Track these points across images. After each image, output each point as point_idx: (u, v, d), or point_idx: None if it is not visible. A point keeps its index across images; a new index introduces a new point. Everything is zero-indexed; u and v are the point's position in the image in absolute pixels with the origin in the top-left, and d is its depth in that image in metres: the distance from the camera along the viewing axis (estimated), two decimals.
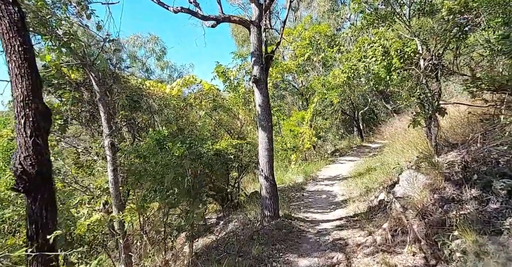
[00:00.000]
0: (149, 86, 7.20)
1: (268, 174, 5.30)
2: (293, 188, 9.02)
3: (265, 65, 5.66)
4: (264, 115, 5.42)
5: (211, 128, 7.85)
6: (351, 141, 18.27)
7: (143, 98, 6.83)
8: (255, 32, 5.50)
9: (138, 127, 6.99)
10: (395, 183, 5.68)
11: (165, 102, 7.29)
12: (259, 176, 5.39)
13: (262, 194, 5.31)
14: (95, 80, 5.31)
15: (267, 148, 5.37)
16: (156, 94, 7.10)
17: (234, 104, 8.88)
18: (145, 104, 6.93)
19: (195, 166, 4.60)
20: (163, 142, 4.41)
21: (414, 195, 3.93)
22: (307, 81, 14.00)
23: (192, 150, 4.31)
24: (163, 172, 3.90)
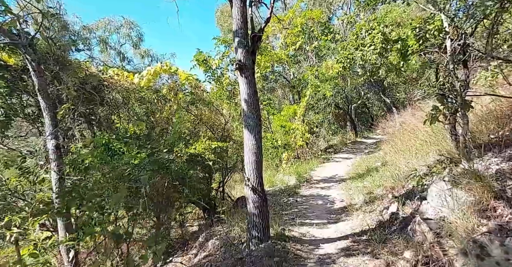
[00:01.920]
0: (113, 75, 5.96)
1: (257, 184, 4.20)
2: (285, 192, 7.98)
3: (251, 47, 4.51)
4: (251, 112, 4.30)
5: (189, 125, 6.69)
6: (344, 136, 17.37)
7: (104, 89, 5.61)
8: (238, 5, 4.35)
9: (99, 125, 5.78)
10: (410, 192, 4.69)
11: (134, 95, 6.08)
12: (245, 187, 4.29)
13: (249, 209, 4.23)
14: (32, 66, 4.10)
15: (255, 151, 4.27)
16: (121, 85, 5.87)
17: (217, 97, 7.74)
18: (108, 97, 5.71)
19: (161, 178, 3.47)
20: (116, 147, 3.28)
21: (452, 218, 2.91)
22: (299, 73, 12.91)
23: (155, 157, 3.20)
24: (109, 190, 2.79)
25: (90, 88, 4.86)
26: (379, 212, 5.03)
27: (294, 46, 11.51)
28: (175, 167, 3.66)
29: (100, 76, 5.74)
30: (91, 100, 5.31)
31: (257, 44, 4.61)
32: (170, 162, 3.47)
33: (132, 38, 13.97)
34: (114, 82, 5.87)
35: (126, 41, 13.77)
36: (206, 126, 6.96)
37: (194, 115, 6.67)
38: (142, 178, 2.81)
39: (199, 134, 6.92)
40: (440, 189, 3.20)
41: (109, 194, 2.80)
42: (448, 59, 4.02)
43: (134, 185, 2.83)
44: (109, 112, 5.80)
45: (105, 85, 5.70)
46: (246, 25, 4.44)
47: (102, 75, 5.74)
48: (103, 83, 5.72)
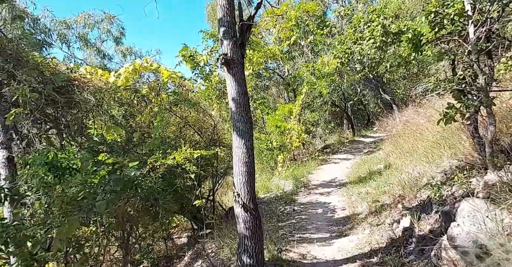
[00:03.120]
0: (85, 73, 5.27)
1: (248, 200, 3.56)
2: (281, 199, 7.35)
3: (240, 38, 3.85)
4: (241, 114, 3.65)
5: (175, 129, 6.01)
6: (342, 135, 16.80)
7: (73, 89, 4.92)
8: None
9: (69, 130, 5.09)
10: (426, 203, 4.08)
11: (110, 96, 5.39)
12: (234, 203, 3.64)
13: (239, 230, 3.58)
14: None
15: (245, 161, 3.62)
16: (94, 85, 5.17)
17: (206, 97, 7.07)
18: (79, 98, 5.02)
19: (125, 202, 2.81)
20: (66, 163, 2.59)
21: (494, 246, 2.29)
22: (294, 70, 12.27)
23: (118, 175, 2.53)
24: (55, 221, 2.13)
25: (52, 89, 4.14)
26: (388, 226, 4.42)
27: (288, 41, 10.86)
28: (147, 185, 2.99)
29: (69, 74, 5.02)
30: (57, 102, 4.59)
31: (246, 34, 3.95)
32: (140, 178, 2.81)
33: (112, 34, 13.09)
34: (86, 82, 5.15)
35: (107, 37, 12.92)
36: (193, 129, 6.29)
37: (179, 117, 5.99)
38: (98, 205, 2.15)
39: (186, 138, 6.25)
40: (473, 208, 2.59)
41: (56, 225, 2.14)
42: (471, 48, 3.40)
43: (86, 215, 2.17)
44: (80, 116, 5.08)
45: (75, 85, 4.97)
46: (233, 12, 3.78)
47: (72, 73, 5.01)
48: (73, 82, 5.00)
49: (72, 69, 5.08)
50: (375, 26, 9.12)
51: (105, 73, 5.62)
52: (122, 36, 13.27)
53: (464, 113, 3.81)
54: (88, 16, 11.97)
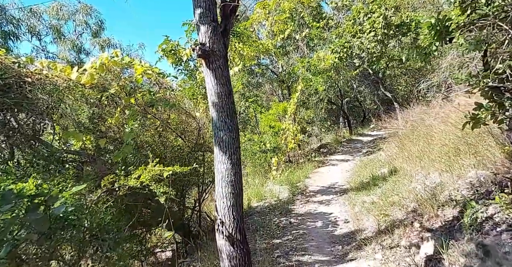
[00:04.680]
0: (41, 68, 4.43)
1: (234, 229, 2.79)
2: (276, 209, 6.60)
3: (222, 24, 3.07)
4: (224, 120, 2.88)
5: (153, 133, 5.21)
6: (338, 133, 16.12)
7: (25, 87, 4.10)
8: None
9: (22, 136, 4.26)
10: (453, 225, 3.37)
11: (72, 95, 4.56)
12: (217, 233, 2.87)
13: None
14: None
15: (231, 179, 2.85)
16: (52, 82, 4.33)
17: (190, 96, 6.27)
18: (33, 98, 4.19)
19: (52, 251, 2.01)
20: None
21: None
22: (288, 66, 11.48)
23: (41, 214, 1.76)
24: None
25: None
26: (405, 250, 3.70)
27: (282, 35, 10.07)
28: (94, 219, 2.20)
29: (19, 70, 4.17)
30: (3, 103, 3.77)
31: (230, 19, 3.15)
32: (80, 213, 2.01)
33: (90, 27, 12.02)
34: (40, 79, 4.30)
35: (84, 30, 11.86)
36: (176, 133, 5.49)
37: (158, 120, 5.18)
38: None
39: (167, 143, 5.45)
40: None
41: None
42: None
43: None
44: (33, 119, 4.26)
45: (27, 83, 4.13)
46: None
47: (22, 68, 4.16)
48: (24, 79, 4.15)
49: (20, 64, 4.21)
50: (376, 17, 8.38)
51: (67, 68, 4.76)
52: (101, 30, 12.23)
53: (497, 115, 3.09)
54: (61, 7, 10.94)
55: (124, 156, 4.04)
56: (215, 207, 2.88)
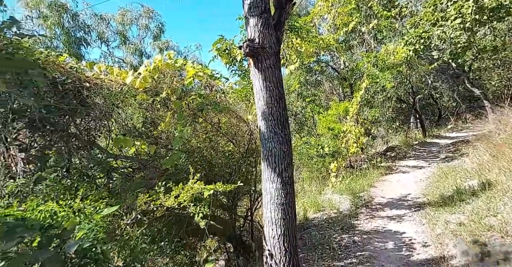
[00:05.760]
0: (99, 73, 4.49)
1: (286, 265, 2.28)
2: (336, 224, 5.89)
3: (275, 16, 2.57)
4: (274, 130, 2.40)
5: (204, 137, 4.99)
6: (408, 135, 14.40)
7: (83, 92, 4.17)
8: None
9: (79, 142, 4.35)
10: None
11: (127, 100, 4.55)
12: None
13: None
14: None
15: (281, 202, 2.36)
16: (109, 87, 4.36)
17: (242, 98, 5.93)
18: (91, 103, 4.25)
19: None
20: None
21: None
22: (351, 61, 10.49)
23: (51, 251, 1.51)
24: None
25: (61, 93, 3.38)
26: None
27: (346, 29, 9.16)
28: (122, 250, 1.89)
29: (79, 75, 4.25)
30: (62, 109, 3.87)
31: (286, 9, 2.63)
32: (102, 246, 1.69)
33: (151, 30, 12.60)
34: (98, 83, 4.33)
35: (145, 34, 12.49)
36: (227, 137, 5.20)
37: (210, 124, 4.93)
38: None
39: (217, 148, 5.19)
40: None
41: None
42: None
43: None
44: (92, 125, 4.31)
45: (86, 88, 4.18)
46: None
47: (81, 74, 4.23)
48: (83, 84, 4.21)
49: (77, 69, 4.28)
50: (464, 1, 7.03)
51: (123, 72, 4.77)
52: (161, 32, 12.76)
53: None
54: (126, 12, 11.68)
55: (172, 163, 3.83)
56: (263, 236, 2.41)
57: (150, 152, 4.21)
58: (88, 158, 4.18)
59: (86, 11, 11.29)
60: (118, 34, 12.08)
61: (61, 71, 4.15)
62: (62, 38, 10.87)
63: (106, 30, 11.92)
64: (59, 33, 10.72)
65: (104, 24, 11.75)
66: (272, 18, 2.45)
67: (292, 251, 2.33)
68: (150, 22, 12.36)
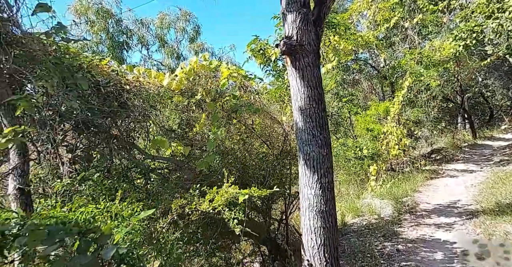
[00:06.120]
0: (138, 75, 4.64)
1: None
2: (377, 230, 5.56)
3: (315, 11, 2.43)
4: (312, 132, 2.26)
5: (237, 139, 4.95)
6: (456, 136, 13.34)
7: (123, 95, 4.33)
8: None
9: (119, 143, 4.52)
10: None
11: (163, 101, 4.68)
12: None
13: None
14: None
15: (321, 209, 2.22)
16: (147, 89, 4.50)
17: (276, 98, 5.81)
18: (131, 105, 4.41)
19: None
20: None
21: None
22: (392, 59, 9.92)
23: (89, 256, 1.51)
24: None
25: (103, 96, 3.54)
26: None
27: (387, 25, 8.68)
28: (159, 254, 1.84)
29: (119, 78, 4.41)
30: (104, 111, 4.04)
31: (326, 4, 2.48)
32: (137, 251, 1.65)
33: (188, 32, 12.90)
34: (137, 86, 4.47)
35: (182, 37, 12.83)
36: (261, 139, 5.12)
37: (244, 125, 4.88)
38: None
39: (251, 150, 5.13)
40: None
41: None
42: None
43: None
44: (132, 126, 4.46)
45: (126, 90, 4.33)
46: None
47: (122, 77, 4.39)
48: (124, 87, 4.37)
49: (118, 72, 4.43)
50: None
51: (160, 74, 4.87)
52: (197, 35, 13.02)
53: None
54: (165, 16, 12.11)
55: (206, 165, 3.82)
56: (301, 246, 2.28)
57: (185, 153, 4.22)
58: (128, 159, 4.32)
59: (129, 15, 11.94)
60: (157, 38, 12.61)
61: (104, 74, 4.33)
62: (107, 43, 11.59)
63: (146, 34, 12.52)
64: (104, 38, 11.45)
65: (144, 29, 12.36)
66: (311, 14, 2.31)
67: (333, 262, 2.17)
68: (187, 25, 12.77)
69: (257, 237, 5.13)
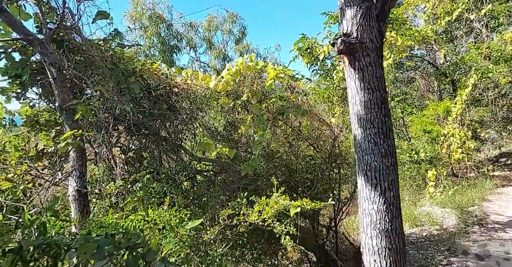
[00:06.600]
0: (186, 78, 4.73)
1: None
2: (439, 243, 5.03)
3: (379, 4, 2.17)
4: (374, 140, 2.01)
5: (284, 141, 4.79)
6: None
7: (172, 97, 4.46)
8: None
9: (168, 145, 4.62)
10: None
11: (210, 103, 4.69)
12: None
13: None
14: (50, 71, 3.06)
15: (385, 228, 1.96)
16: (195, 91, 4.55)
17: (324, 99, 5.49)
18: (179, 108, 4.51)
19: None
20: None
21: None
22: (454, 54, 8.97)
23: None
24: None
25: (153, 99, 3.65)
26: None
27: (448, 18, 7.85)
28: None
29: (169, 81, 4.52)
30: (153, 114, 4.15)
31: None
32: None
33: (234, 34, 13.00)
34: (185, 88, 4.53)
35: (228, 38, 12.95)
36: (308, 141, 4.90)
37: (290, 127, 4.71)
38: None
39: (298, 154, 4.93)
40: None
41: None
42: None
43: None
44: (180, 128, 4.53)
45: (175, 93, 4.42)
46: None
47: (171, 80, 4.48)
48: (173, 90, 4.47)
49: (167, 75, 4.52)
50: None
51: (207, 77, 4.89)
52: (243, 36, 13.08)
53: None
54: (212, 19, 12.34)
55: (252, 169, 3.71)
56: (362, 264, 2.04)
57: (230, 155, 4.17)
58: (176, 161, 4.38)
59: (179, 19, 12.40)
60: (204, 40, 12.93)
61: (154, 77, 4.43)
62: (158, 47, 12.18)
63: (194, 37, 12.91)
64: (156, 42, 12.03)
65: (193, 31, 12.75)
66: (374, 7, 2.06)
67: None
68: (233, 26, 12.89)
69: (305, 244, 4.91)
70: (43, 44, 2.90)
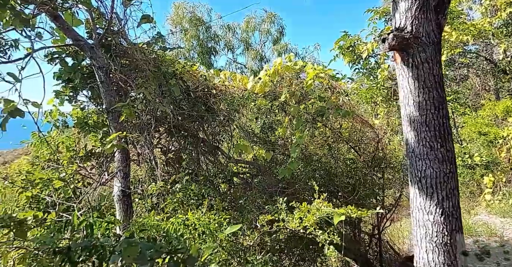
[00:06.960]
0: (223, 79, 4.76)
1: None
2: (499, 256, 4.51)
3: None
4: (429, 144, 1.81)
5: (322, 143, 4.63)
6: None
7: (210, 99, 4.51)
8: None
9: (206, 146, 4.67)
10: None
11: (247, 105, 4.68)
12: None
13: None
14: (98, 75, 3.20)
15: (443, 241, 1.77)
16: (232, 93, 4.57)
17: (367, 99, 5.18)
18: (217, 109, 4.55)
19: None
20: None
21: None
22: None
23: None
24: None
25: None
26: None
27: (510, 9, 7.10)
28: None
29: (207, 83, 4.57)
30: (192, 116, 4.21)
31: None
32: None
33: (272, 34, 12.95)
34: (223, 90, 4.56)
35: (266, 38, 12.87)
36: (349, 144, 4.68)
37: (330, 129, 4.53)
38: None
39: (337, 156, 4.74)
40: None
41: None
42: None
43: None
44: (217, 130, 4.56)
45: (213, 95, 4.47)
46: None
47: (209, 81, 4.53)
48: (211, 91, 4.52)
49: (206, 77, 4.56)
50: None
51: (244, 78, 4.88)
52: (281, 36, 12.98)
53: None
54: (250, 20, 12.39)
55: (289, 172, 3.61)
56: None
57: (267, 158, 4.09)
58: (214, 162, 4.41)
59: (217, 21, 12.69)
60: (242, 41, 13.07)
61: (193, 79, 4.49)
62: (197, 49, 12.53)
63: (232, 38, 13.10)
64: (195, 45, 12.39)
65: (230, 33, 12.95)
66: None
67: None
68: (271, 26, 12.86)
69: (346, 251, 4.69)
70: (92, 49, 3.05)
